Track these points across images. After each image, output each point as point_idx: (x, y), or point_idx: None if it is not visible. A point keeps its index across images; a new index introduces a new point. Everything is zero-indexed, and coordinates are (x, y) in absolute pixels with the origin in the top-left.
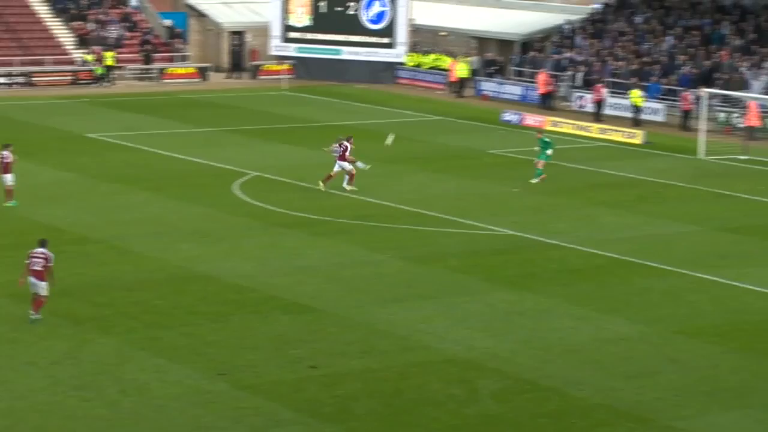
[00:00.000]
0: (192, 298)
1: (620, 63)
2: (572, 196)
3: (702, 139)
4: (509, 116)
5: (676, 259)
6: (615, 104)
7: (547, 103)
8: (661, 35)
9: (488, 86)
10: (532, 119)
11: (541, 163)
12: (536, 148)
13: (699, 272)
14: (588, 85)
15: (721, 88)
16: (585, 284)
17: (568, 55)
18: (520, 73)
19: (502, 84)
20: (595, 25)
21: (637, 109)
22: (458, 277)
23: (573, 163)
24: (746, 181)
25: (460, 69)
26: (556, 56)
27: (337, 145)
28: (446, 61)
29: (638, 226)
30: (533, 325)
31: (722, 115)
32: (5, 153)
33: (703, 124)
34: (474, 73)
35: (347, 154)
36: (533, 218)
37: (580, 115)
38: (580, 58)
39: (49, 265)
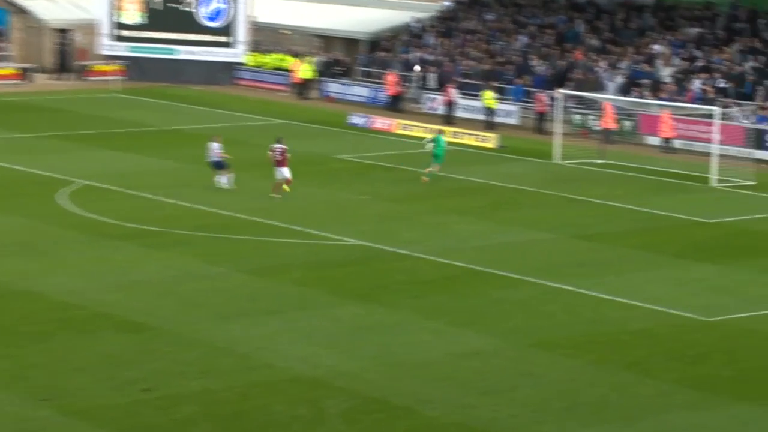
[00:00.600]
0: (12, 317)
1: (472, 63)
2: (423, 203)
3: (557, 142)
4: (357, 119)
5: (530, 268)
6: (467, 106)
7: (396, 105)
8: (513, 34)
9: (334, 88)
10: (380, 122)
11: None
12: (429, 145)
13: (554, 282)
14: (440, 86)
15: (576, 89)
16: (437, 296)
17: (418, 54)
18: (367, 74)
19: (348, 85)
20: (445, 23)
21: (490, 112)
22: (303, 290)
23: (423, 169)
24: (602, 186)
25: (304, 69)
26: (404, 56)
27: (276, 150)
28: (289, 61)
29: (491, 233)
30: (382, 340)
31: (578, 117)
32: None
33: (558, 127)
34: (319, 73)
35: (287, 155)
36: (382, 227)
37: (431, 117)
38: (430, 58)
39: None
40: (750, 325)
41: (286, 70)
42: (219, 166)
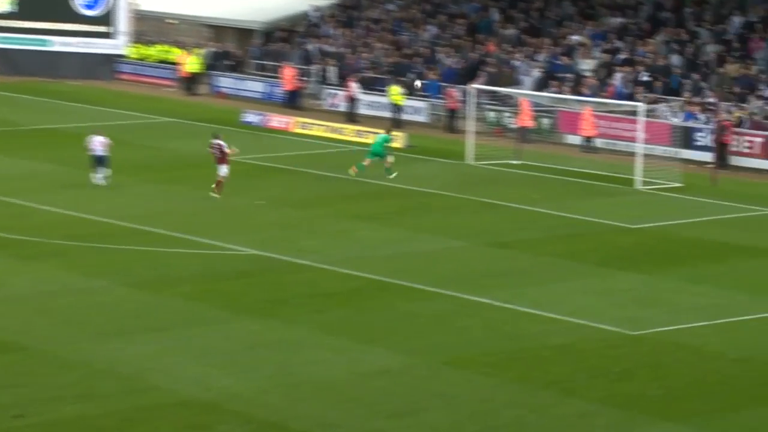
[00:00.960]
0: None
1: (375, 55)
2: (324, 209)
3: (470, 141)
4: (251, 117)
5: (443, 280)
6: (373, 103)
7: (294, 101)
8: (421, 24)
9: (225, 82)
10: (277, 121)
11: (389, 160)
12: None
13: (469, 294)
14: (342, 80)
15: (489, 84)
16: (340, 310)
17: (317, 46)
18: (261, 68)
19: (241, 80)
20: (346, 12)
21: (397, 108)
22: (193, 305)
23: (325, 171)
24: (519, 189)
25: (192, 62)
26: (303, 48)
27: (215, 147)
28: (175, 54)
29: (400, 241)
30: (281, 359)
31: (492, 114)
32: None
33: (470, 125)
34: (208, 67)
35: (228, 151)
36: (280, 235)
37: (332, 115)
38: (331, 50)
39: None
40: (678, 339)
41: (173, 63)
42: (100, 161)
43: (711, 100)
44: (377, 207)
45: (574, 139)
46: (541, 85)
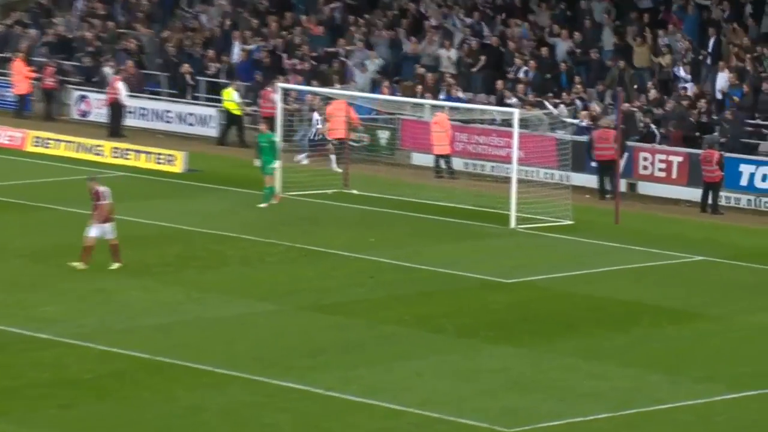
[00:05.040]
0: None
1: (145, 42)
2: (73, 261)
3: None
4: None
5: (241, 358)
6: (145, 111)
7: (25, 108)
8: None
9: None
10: (3, 136)
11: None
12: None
13: (277, 378)
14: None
15: (305, 81)
16: (95, 404)
17: (59, 30)
18: None
19: None
20: None
21: (232, 119)
22: None
23: (72, 206)
24: (349, 228)
25: None
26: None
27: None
28: None
29: (179, 305)
30: None
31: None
32: None
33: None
34: None
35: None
36: (9, 298)
37: (85, 127)
38: (69, 35)
39: None
40: None
41: None
42: None
43: (593, 103)
44: (146, 256)
45: (423, 159)
46: (378, 83)
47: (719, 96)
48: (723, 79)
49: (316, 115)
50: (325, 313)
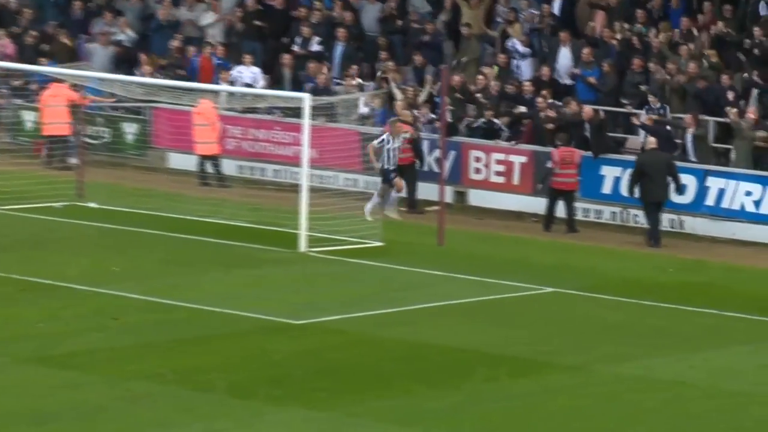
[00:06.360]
0: None
1: None
2: None
3: None
4: None
5: None
6: None
7: None
8: None
9: None
10: None
11: None
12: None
13: None
14: None
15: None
16: None
17: None
18: None
19: None
20: None
21: None
22: None
23: None
24: (82, 253)
25: None
26: None
27: None
28: None
29: None
30: None
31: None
32: None
33: None
34: None
35: None
36: None
37: None
38: None
39: None
40: None
41: None
42: None
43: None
44: None
45: (184, 161)
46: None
47: (567, 78)
48: (567, 57)
49: None
50: (53, 366)
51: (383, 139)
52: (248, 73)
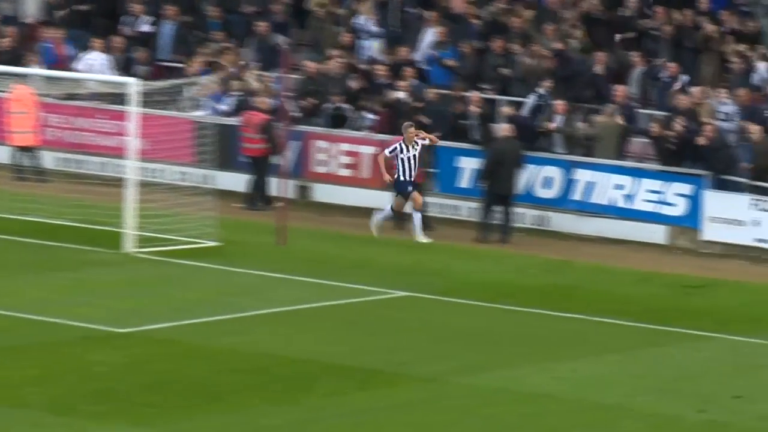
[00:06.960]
0: None
1: None
2: None
3: None
4: None
5: None
6: None
7: None
8: None
9: None
10: None
11: None
12: None
13: None
14: None
15: None
16: None
17: None
18: None
19: None
20: None
21: None
22: None
23: None
24: None
25: None
26: None
27: None
28: None
29: None
30: None
31: None
32: None
33: None
34: None
35: None
36: None
37: None
38: None
39: None
40: None
41: None
42: None
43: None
44: None
45: None
46: None
47: (422, 61)
48: (429, 35)
49: None
50: None
51: (395, 148)
52: (100, 60)
